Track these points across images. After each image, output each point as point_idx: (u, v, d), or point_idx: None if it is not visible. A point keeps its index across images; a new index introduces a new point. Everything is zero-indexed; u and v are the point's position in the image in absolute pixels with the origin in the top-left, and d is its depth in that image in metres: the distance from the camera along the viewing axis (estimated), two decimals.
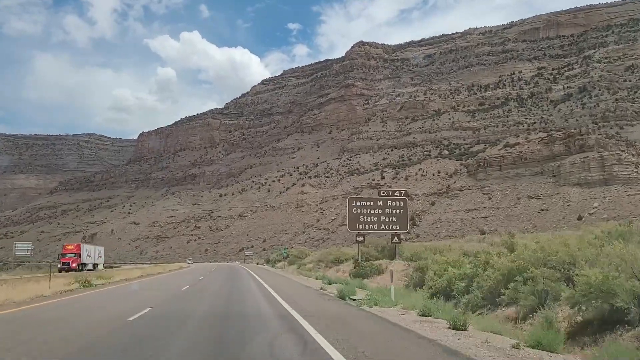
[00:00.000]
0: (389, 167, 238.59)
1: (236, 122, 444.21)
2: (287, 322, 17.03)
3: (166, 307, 23.46)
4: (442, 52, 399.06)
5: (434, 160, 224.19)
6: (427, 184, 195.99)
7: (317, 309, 21.39)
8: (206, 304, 24.78)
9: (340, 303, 23.91)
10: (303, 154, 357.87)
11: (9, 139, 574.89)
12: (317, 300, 26.15)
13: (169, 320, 17.89)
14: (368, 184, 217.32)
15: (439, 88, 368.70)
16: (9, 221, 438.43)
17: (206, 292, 34.76)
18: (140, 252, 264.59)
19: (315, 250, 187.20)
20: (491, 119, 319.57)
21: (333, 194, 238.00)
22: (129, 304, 23.81)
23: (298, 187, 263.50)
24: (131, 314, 18.75)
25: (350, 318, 18.18)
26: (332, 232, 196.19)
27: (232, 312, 20.78)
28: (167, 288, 40.41)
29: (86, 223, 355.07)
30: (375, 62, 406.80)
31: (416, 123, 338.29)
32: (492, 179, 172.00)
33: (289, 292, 32.61)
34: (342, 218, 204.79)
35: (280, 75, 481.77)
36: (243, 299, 28.20)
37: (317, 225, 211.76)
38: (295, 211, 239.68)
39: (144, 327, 16.27)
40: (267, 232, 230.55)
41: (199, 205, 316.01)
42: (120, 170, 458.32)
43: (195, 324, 17.07)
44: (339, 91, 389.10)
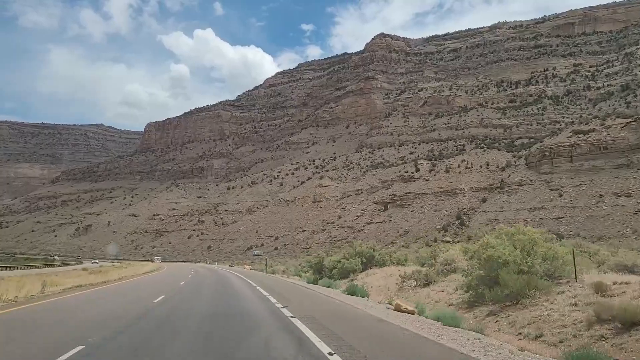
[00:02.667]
0: (424, 158, 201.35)
1: (248, 114, 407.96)
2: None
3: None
4: (469, 47, 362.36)
5: (480, 151, 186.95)
6: (473, 178, 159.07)
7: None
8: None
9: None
10: (318, 148, 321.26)
11: (15, 127, 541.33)
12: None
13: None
14: (400, 177, 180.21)
15: (465, 83, 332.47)
16: (7, 210, 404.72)
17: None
18: (136, 247, 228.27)
19: (339, 250, 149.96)
20: (524, 117, 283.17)
21: (356, 188, 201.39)
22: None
23: (315, 180, 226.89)
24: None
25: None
26: (357, 230, 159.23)
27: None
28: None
29: (84, 214, 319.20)
30: (397, 55, 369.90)
31: (441, 119, 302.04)
32: (561, 172, 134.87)
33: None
34: (370, 215, 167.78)
35: (295, 68, 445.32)
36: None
37: (338, 222, 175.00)
38: (312, 207, 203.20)
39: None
40: (279, 228, 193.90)
41: (205, 198, 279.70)
42: (124, 161, 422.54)
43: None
44: (357, 84, 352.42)
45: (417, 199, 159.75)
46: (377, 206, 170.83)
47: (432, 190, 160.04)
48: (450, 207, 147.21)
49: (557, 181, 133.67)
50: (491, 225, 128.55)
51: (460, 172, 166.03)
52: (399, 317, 17.93)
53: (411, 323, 15.98)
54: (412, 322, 16.36)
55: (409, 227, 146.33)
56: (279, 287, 34.46)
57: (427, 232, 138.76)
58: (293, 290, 32.62)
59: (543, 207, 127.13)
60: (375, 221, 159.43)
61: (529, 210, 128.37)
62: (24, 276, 36.76)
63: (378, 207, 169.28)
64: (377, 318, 17.33)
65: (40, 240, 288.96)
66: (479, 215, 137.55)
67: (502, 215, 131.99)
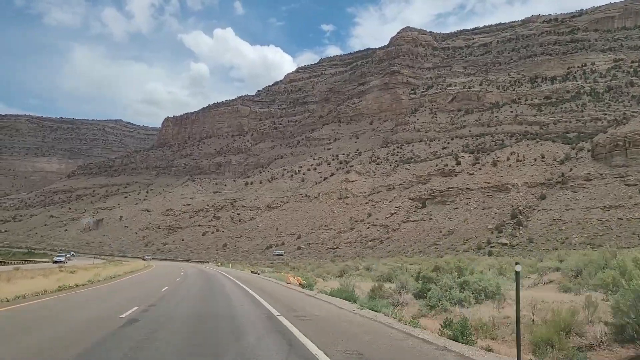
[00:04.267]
0: (465, 151, 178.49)
1: (267, 110, 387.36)
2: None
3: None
4: (500, 41, 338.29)
5: (531, 142, 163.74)
6: (527, 172, 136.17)
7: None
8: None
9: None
10: (340, 145, 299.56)
11: (34, 121, 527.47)
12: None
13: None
14: (439, 171, 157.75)
15: (496, 79, 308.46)
16: (22, 204, 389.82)
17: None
18: (146, 244, 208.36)
19: (371, 252, 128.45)
20: (562, 114, 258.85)
21: (387, 183, 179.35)
22: None
23: (341, 175, 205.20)
24: None
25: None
26: (392, 229, 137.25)
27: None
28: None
29: (97, 209, 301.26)
30: (424, 50, 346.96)
31: (471, 115, 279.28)
32: (639, 165, 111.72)
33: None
34: (406, 212, 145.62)
35: (316, 64, 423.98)
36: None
37: (369, 220, 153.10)
38: (337, 203, 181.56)
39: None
40: (301, 226, 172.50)
41: (221, 193, 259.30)
42: (141, 156, 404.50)
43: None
44: (382, 79, 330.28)
45: (461, 195, 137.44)
46: (413, 203, 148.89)
47: (479, 185, 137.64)
48: (502, 204, 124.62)
49: (634, 175, 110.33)
50: (556, 225, 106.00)
51: (510, 165, 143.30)
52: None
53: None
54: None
55: (453, 226, 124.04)
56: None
57: (476, 232, 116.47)
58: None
59: (621, 205, 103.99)
60: (413, 219, 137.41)
61: (602, 209, 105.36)
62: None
63: (414, 204, 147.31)
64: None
65: (50, 234, 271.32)
66: (539, 214, 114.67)
67: (568, 214, 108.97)
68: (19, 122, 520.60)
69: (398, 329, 13.94)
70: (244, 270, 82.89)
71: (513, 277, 12.25)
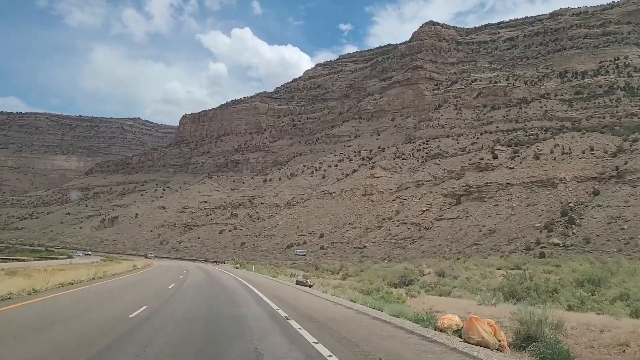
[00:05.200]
0: (502, 144, 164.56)
1: (286, 107, 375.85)
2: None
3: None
4: (527, 35, 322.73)
5: (577, 134, 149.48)
6: (575, 165, 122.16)
7: None
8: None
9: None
10: (361, 142, 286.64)
11: (53, 119, 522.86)
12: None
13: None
14: (474, 165, 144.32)
15: (523, 74, 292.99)
16: (40, 201, 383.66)
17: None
18: (161, 242, 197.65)
19: (403, 252, 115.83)
20: (595, 109, 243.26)
21: (415, 179, 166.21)
22: None
23: (366, 170, 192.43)
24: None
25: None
26: (424, 228, 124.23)
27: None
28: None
29: (113, 206, 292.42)
30: (447, 44, 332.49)
31: (498, 111, 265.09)
32: None
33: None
34: (438, 209, 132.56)
35: (336, 60, 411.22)
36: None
37: (398, 218, 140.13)
38: (362, 200, 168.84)
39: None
40: (324, 224, 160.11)
41: (239, 191, 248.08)
42: (159, 154, 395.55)
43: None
44: (404, 74, 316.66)
45: (501, 190, 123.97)
46: (446, 199, 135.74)
47: (520, 180, 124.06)
48: (549, 200, 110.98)
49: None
50: (616, 224, 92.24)
51: (555, 158, 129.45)
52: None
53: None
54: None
55: (494, 225, 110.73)
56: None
57: (521, 231, 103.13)
58: None
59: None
60: (447, 217, 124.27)
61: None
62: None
63: (448, 201, 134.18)
64: None
65: (65, 232, 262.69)
66: (594, 211, 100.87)
67: (629, 211, 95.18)
68: (39, 120, 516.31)
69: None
70: (279, 276, 54.18)
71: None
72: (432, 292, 24.97)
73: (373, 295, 22.72)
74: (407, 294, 27.04)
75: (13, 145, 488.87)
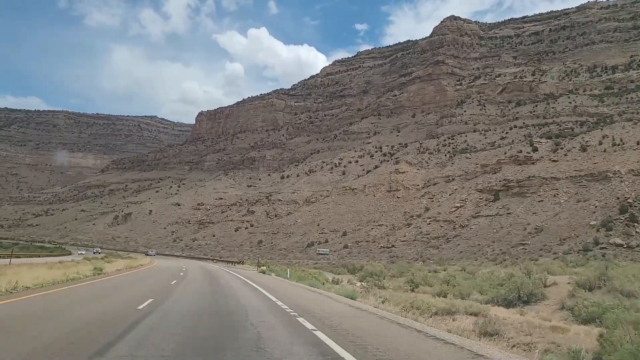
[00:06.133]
0: (542, 136, 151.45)
1: (303, 104, 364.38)
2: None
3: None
4: (553, 29, 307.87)
5: (628, 124, 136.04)
6: (630, 157, 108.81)
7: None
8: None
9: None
10: (380, 138, 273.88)
11: (71, 117, 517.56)
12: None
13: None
14: (511, 159, 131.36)
15: (550, 69, 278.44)
16: (55, 198, 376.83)
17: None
18: (175, 240, 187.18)
19: (437, 252, 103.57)
20: (627, 104, 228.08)
21: (445, 174, 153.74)
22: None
23: (390, 165, 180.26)
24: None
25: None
26: (460, 226, 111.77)
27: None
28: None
29: (127, 203, 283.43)
30: (470, 39, 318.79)
31: (524, 107, 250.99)
32: None
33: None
34: (474, 206, 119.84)
35: (354, 57, 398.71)
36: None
37: (428, 215, 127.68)
38: (386, 196, 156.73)
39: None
40: (346, 222, 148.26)
41: (255, 187, 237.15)
42: (174, 151, 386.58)
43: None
44: (425, 69, 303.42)
45: (545, 185, 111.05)
46: (482, 195, 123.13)
47: (567, 173, 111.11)
48: (602, 196, 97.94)
49: None
50: None
51: (605, 150, 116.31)
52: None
53: None
54: None
55: (540, 222, 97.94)
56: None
57: (574, 230, 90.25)
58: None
59: None
60: (485, 214, 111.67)
61: None
62: None
63: (484, 197, 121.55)
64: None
65: (78, 228, 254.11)
66: None
67: None
68: (57, 117, 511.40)
69: None
70: (329, 290, 28.70)
71: None
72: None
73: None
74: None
75: (31, 142, 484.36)
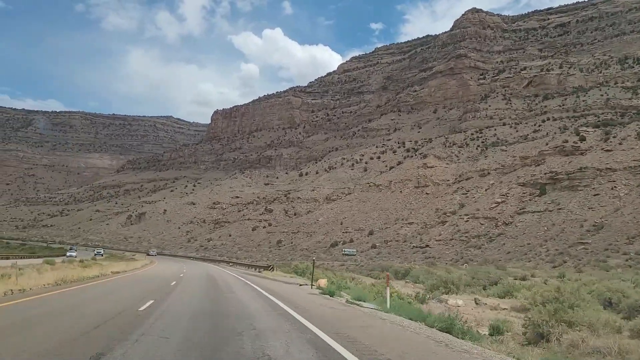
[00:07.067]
0: (589, 125, 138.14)
1: (320, 101, 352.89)
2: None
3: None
4: (580, 20, 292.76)
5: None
6: None
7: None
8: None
9: None
10: (401, 135, 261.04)
11: (87, 117, 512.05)
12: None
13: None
14: (556, 149, 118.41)
15: (578, 61, 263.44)
16: (71, 199, 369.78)
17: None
18: (189, 240, 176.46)
19: (479, 252, 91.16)
20: None
21: (479, 167, 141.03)
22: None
23: (416, 160, 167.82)
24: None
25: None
26: (503, 223, 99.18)
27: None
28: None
29: (142, 202, 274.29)
30: (492, 32, 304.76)
31: (552, 101, 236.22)
32: None
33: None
34: (517, 201, 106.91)
35: (371, 53, 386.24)
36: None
37: (465, 212, 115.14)
38: (415, 192, 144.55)
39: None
40: (372, 220, 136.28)
41: (273, 185, 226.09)
42: (189, 150, 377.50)
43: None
44: (447, 63, 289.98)
45: (599, 177, 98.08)
46: (525, 189, 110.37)
47: (624, 164, 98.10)
48: None
49: None
50: None
51: None
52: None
53: None
54: None
55: (600, 218, 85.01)
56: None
57: None
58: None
59: None
60: (531, 210, 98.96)
61: None
62: None
63: (528, 191, 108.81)
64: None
65: (92, 229, 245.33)
66: None
67: None
68: (73, 118, 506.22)
69: None
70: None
71: None
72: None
73: None
74: None
75: (48, 143, 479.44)
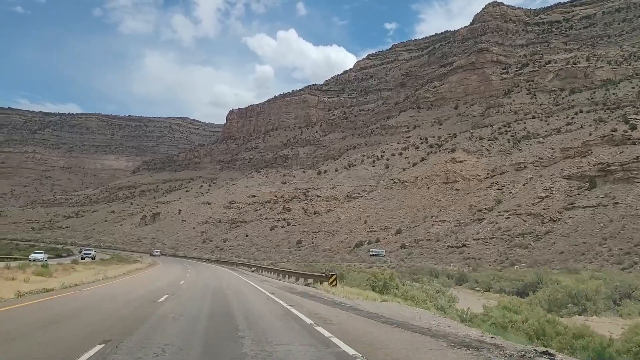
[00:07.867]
0: (637, 113, 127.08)
1: (337, 99, 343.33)
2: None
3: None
4: (607, 12, 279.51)
5: None
6: None
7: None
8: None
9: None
10: (420, 132, 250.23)
11: (103, 119, 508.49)
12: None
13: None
14: (604, 139, 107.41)
15: (605, 53, 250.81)
16: (87, 200, 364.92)
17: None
18: (204, 240, 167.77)
19: (526, 252, 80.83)
20: None
21: (514, 161, 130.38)
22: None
23: (444, 155, 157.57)
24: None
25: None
26: (551, 220, 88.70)
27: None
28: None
29: (157, 203, 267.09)
30: (515, 26, 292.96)
31: (579, 94, 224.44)
32: None
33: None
34: (564, 196, 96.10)
35: (389, 50, 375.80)
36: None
37: (504, 208, 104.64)
38: (443, 188, 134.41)
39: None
40: (399, 218, 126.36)
41: (290, 184, 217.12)
42: (205, 150, 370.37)
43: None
44: (467, 58, 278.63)
45: None
46: (571, 183, 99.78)
47: None
48: None
49: None
50: None
51: None
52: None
53: None
54: None
55: None
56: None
57: None
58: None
59: None
60: (582, 205, 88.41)
61: None
62: None
63: (575, 184, 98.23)
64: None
65: (106, 230, 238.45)
66: None
67: None
68: (89, 120, 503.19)
69: None
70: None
71: None
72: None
73: None
74: None
75: (65, 145, 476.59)
